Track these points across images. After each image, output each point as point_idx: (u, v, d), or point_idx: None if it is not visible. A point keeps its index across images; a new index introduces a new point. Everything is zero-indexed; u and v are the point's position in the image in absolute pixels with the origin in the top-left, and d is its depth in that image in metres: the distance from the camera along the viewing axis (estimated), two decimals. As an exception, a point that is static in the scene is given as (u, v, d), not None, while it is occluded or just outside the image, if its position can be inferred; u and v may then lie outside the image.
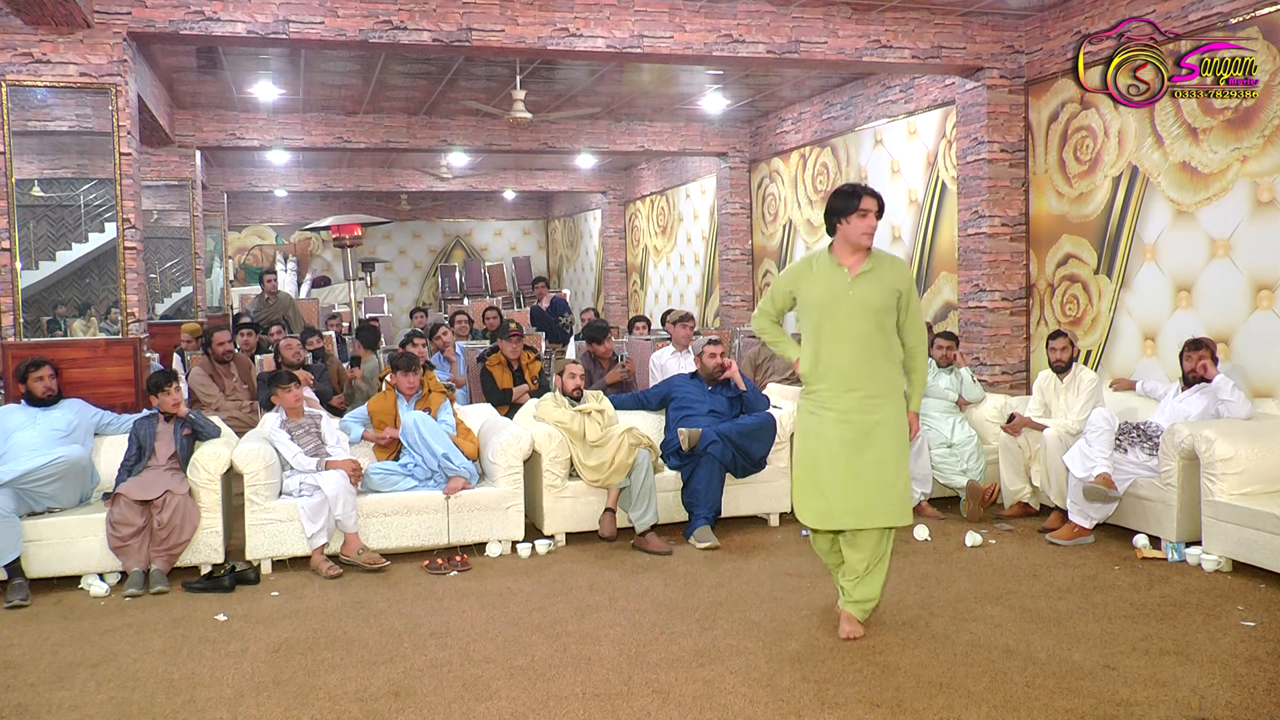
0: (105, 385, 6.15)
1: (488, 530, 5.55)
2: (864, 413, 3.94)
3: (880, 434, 3.95)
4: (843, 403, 3.95)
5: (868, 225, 3.92)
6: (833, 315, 3.94)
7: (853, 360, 3.94)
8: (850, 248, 3.98)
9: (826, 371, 3.97)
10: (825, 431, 3.98)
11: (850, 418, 3.94)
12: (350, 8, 6.43)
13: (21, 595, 4.76)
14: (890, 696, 3.49)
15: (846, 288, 3.94)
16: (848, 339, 3.93)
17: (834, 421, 3.96)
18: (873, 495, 3.94)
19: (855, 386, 3.94)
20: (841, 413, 3.95)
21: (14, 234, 6.15)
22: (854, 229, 3.93)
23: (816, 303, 3.98)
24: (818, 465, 4.00)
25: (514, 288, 19.55)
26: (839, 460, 3.94)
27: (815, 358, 4.00)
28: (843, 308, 3.93)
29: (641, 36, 6.93)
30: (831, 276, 3.97)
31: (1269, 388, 5.95)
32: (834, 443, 3.95)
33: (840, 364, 3.95)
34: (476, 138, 11.52)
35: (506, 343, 7.38)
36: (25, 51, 6.13)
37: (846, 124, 10.11)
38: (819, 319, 3.98)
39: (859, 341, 3.93)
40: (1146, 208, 6.80)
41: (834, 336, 3.95)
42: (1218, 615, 4.29)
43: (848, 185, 4.01)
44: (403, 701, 3.55)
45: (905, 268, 4.09)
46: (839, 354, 3.94)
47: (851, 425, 3.94)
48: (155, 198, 10.83)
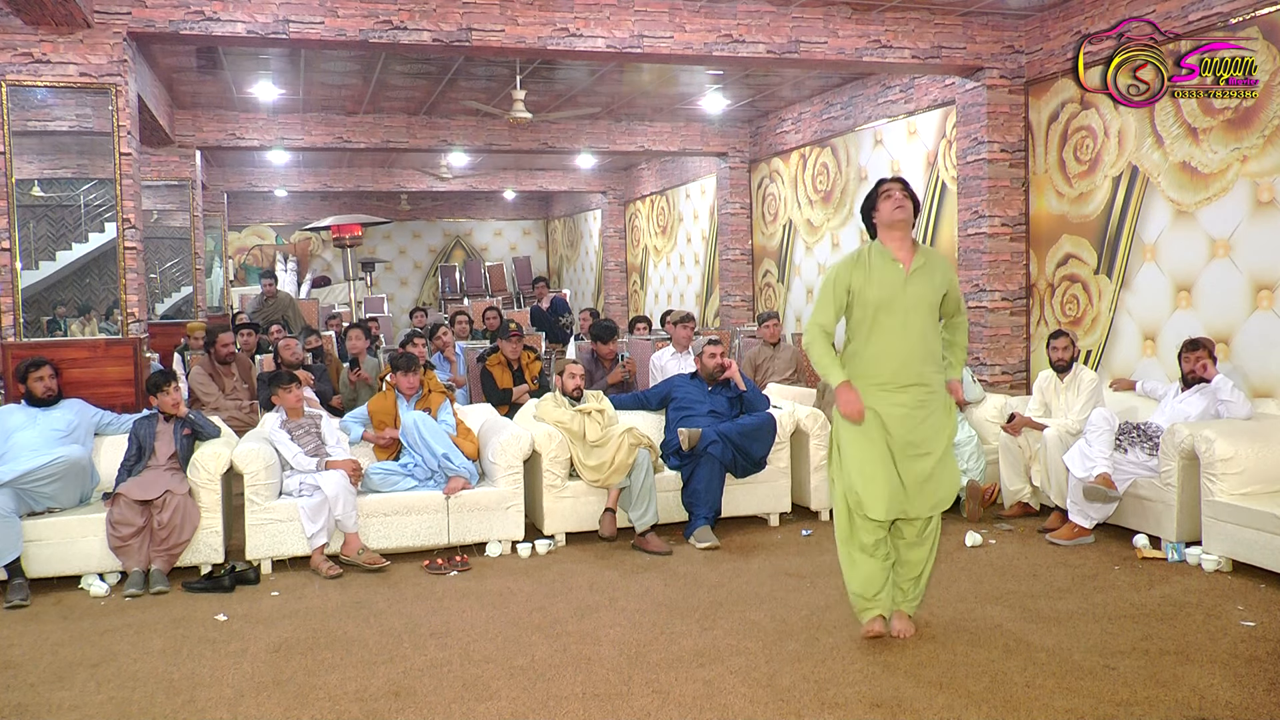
0: (105, 385, 6.15)
1: (488, 530, 5.55)
2: (918, 406, 3.92)
3: (932, 424, 3.94)
4: (902, 397, 3.91)
5: (894, 203, 3.91)
6: (890, 311, 3.90)
7: (910, 355, 3.91)
8: (896, 236, 3.96)
9: (882, 367, 3.92)
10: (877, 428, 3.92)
11: (907, 412, 3.90)
12: (350, 8, 6.43)
13: (21, 595, 4.76)
14: (890, 696, 3.49)
15: (904, 284, 3.91)
16: (907, 334, 3.90)
17: (891, 417, 3.91)
18: (932, 486, 3.95)
19: (912, 381, 3.91)
20: (898, 406, 3.91)
21: (14, 234, 6.15)
22: (884, 211, 3.94)
23: (873, 299, 3.91)
24: (879, 457, 3.92)
25: (514, 288, 19.55)
26: (900, 453, 3.91)
27: (869, 352, 3.95)
28: (901, 303, 3.89)
29: (641, 36, 6.93)
30: (887, 272, 3.93)
31: (1269, 388, 5.95)
32: (894, 438, 3.91)
33: (897, 358, 3.91)
34: (476, 138, 11.53)
35: (506, 343, 7.38)
36: (25, 51, 6.13)
37: (846, 124, 10.11)
38: (875, 314, 3.92)
39: (918, 336, 3.91)
40: (1146, 208, 6.80)
41: (890, 331, 3.91)
42: (1218, 615, 4.29)
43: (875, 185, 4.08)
44: (403, 701, 3.55)
45: (949, 262, 4.11)
46: (896, 349, 3.91)
47: (908, 420, 3.90)
48: (155, 198, 10.84)
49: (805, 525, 5.99)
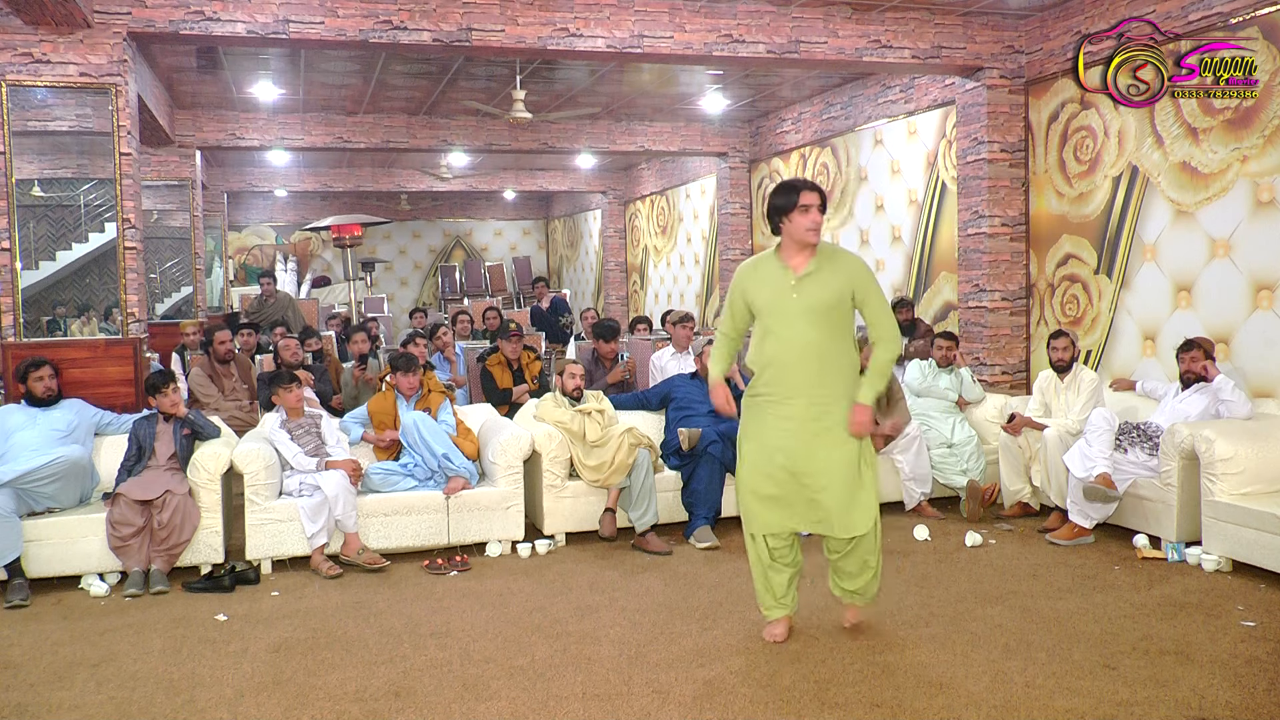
0: (105, 385, 6.15)
1: (488, 530, 5.55)
2: (810, 420, 3.76)
3: (827, 440, 3.76)
4: (786, 409, 3.78)
5: (811, 220, 3.72)
6: (777, 318, 3.77)
7: (797, 364, 3.75)
8: (796, 246, 3.79)
9: (771, 376, 3.80)
10: (767, 438, 3.81)
11: (793, 425, 3.77)
12: (350, 8, 6.43)
13: (21, 595, 4.76)
14: (890, 696, 3.49)
15: (790, 290, 3.76)
16: (793, 343, 3.75)
17: (776, 429, 3.79)
18: (826, 503, 3.79)
19: (799, 392, 3.76)
20: (784, 419, 3.78)
21: (14, 234, 6.15)
22: (797, 227, 3.74)
23: (763, 306, 3.81)
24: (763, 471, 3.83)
25: (514, 288, 19.56)
26: (782, 467, 3.79)
27: (760, 361, 3.85)
28: (787, 310, 3.75)
29: (641, 36, 6.93)
30: (776, 278, 3.80)
31: (1269, 388, 5.95)
32: (775, 450, 3.79)
33: (784, 368, 3.77)
34: (476, 138, 11.53)
35: (506, 343, 7.38)
36: (25, 51, 6.13)
37: (846, 124, 10.11)
38: (765, 322, 3.82)
39: (803, 346, 3.74)
40: (1146, 208, 6.80)
41: (778, 340, 3.77)
42: (1218, 615, 4.29)
43: (787, 180, 3.83)
44: (403, 701, 3.55)
45: (856, 261, 3.84)
46: (783, 358, 3.77)
47: (793, 434, 3.77)
48: (155, 198, 10.84)
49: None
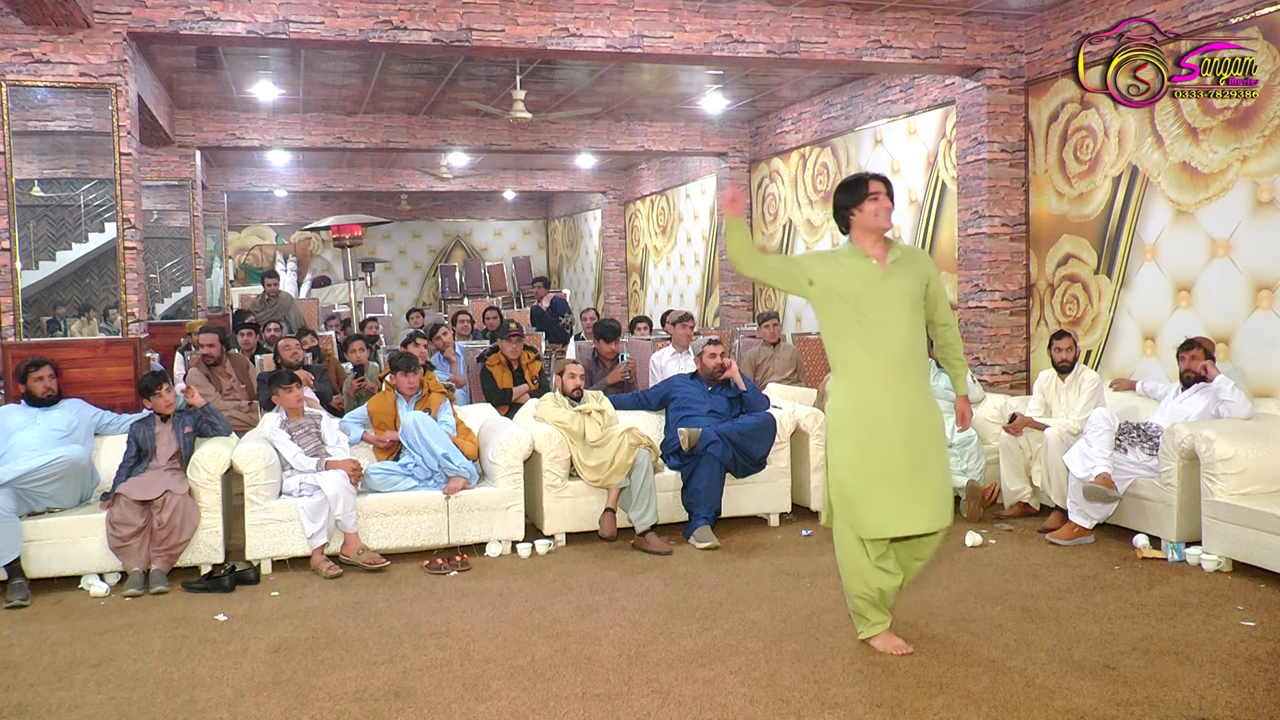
0: (105, 385, 6.15)
1: (488, 530, 5.55)
2: (919, 406, 3.78)
3: (927, 430, 3.79)
4: (897, 396, 3.74)
5: (882, 206, 3.74)
6: (874, 306, 3.72)
7: (905, 351, 3.74)
8: (872, 237, 3.79)
9: (872, 367, 3.74)
10: (879, 431, 3.73)
11: (907, 413, 3.75)
12: (350, 8, 6.43)
13: (21, 595, 4.76)
14: (890, 696, 3.49)
15: (881, 279, 3.73)
16: (892, 332, 3.72)
17: (890, 420, 3.73)
18: (935, 489, 3.76)
19: (903, 381, 3.75)
20: (896, 408, 3.73)
21: (14, 234, 6.15)
22: (869, 214, 3.75)
23: (850, 295, 3.73)
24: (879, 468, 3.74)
25: (514, 288, 19.55)
26: (901, 460, 3.72)
27: (858, 353, 3.76)
28: (885, 298, 3.72)
29: (641, 36, 6.93)
30: (862, 269, 3.75)
31: (1269, 388, 5.95)
32: (894, 443, 3.72)
33: (886, 358, 3.73)
34: (476, 138, 11.53)
35: (506, 343, 7.38)
36: (25, 51, 6.13)
37: (846, 124, 10.11)
38: (854, 312, 3.74)
39: (908, 331, 3.74)
40: (1146, 208, 6.80)
41: (877, 330, 3.72)
42: (1218, 615, 4.29)
43: (849, 177, 3.86)
44: (403, 701, 3.55)
45: (927, 255, 3.93)
46: (883, 348, 3.73)
47: (909, 423, 3.74)
48: (155, 198, 10.84)
49: (805, 525, 5.99)
